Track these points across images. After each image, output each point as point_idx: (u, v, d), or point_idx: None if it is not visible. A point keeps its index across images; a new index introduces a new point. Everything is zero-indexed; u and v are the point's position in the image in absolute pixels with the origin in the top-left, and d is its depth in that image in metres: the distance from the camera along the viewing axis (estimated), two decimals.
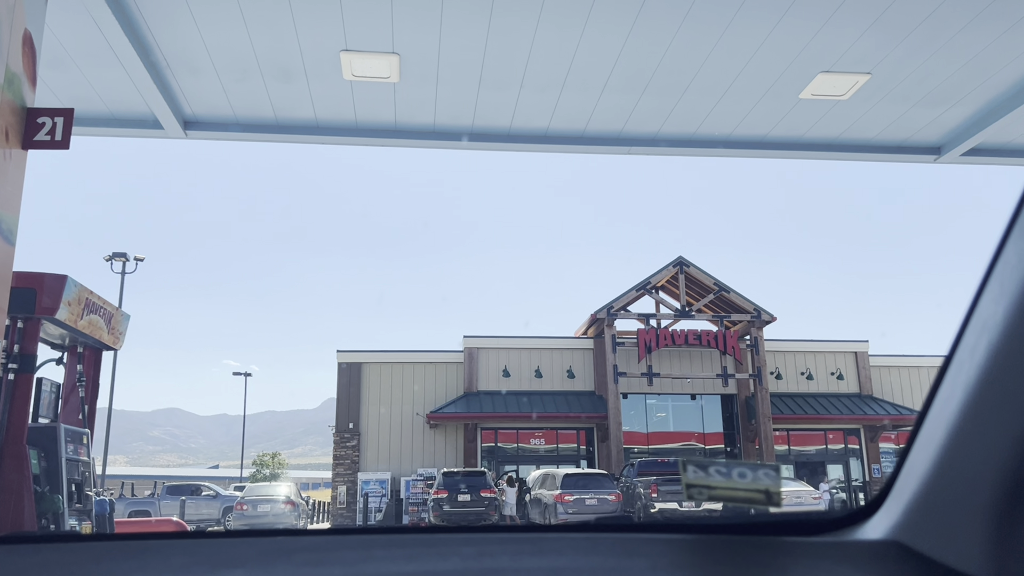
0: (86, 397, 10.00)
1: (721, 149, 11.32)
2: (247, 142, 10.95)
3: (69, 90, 9.56)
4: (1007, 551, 0.81)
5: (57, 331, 9.12)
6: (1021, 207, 0.79)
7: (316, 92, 9.73)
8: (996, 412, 0.80)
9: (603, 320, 30.67)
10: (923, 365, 33.60)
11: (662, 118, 10.48)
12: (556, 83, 9.57)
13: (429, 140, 10.84)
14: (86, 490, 9.50)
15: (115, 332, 9.98)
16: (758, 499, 0.93)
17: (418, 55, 8.95)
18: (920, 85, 9.76)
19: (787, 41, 8.79)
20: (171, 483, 33.38)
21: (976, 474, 0.83)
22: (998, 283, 0.80)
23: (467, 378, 31.50)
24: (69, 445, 9.15)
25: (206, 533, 1.12)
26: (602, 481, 22.13)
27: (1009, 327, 0.78)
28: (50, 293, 8.25)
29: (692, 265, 31.26)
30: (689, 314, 30.81)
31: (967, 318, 0.85)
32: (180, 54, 8.89)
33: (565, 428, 31.41)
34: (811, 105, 10.24)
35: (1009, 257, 0.79)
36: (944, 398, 0.88)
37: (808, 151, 11.43)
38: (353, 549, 0.94)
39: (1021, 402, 0.77)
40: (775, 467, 0.93)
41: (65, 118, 6.70)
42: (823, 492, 29.05)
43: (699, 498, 0.95)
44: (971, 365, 0.82)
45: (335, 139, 10.83)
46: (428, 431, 31.27)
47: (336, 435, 31.36)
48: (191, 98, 9.84)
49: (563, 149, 11.16)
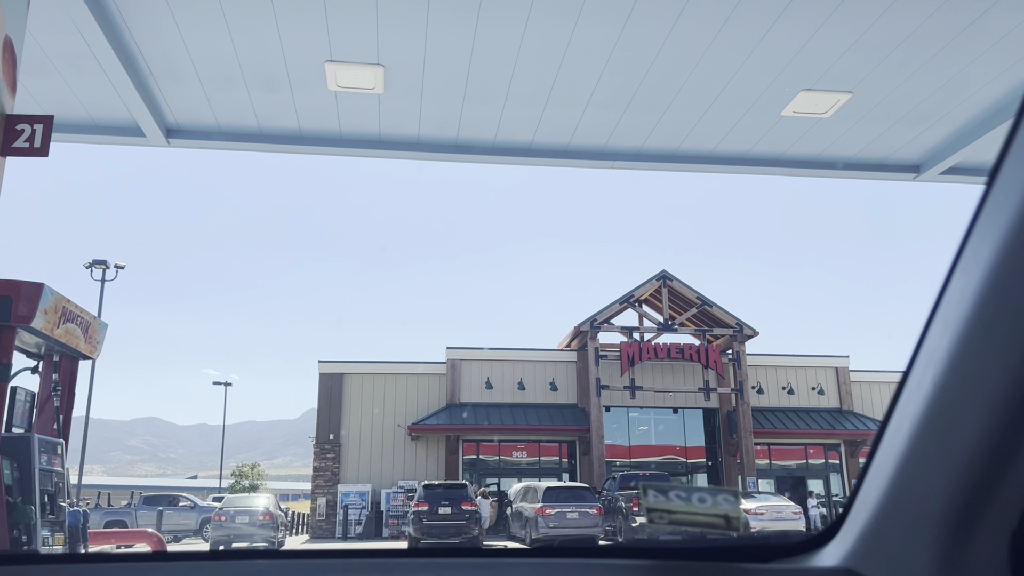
0: (61, 407, 9.88)
1: (704, 164, 11.40)
2: (230, 151, 10.90)
3: (50, 96, 9.49)
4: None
5: (33, 339, 9.01)
6: (965, 243, 0.80)
7: (300, 102, 9.71)
8: (942, 443, 0.82)
9: (586, 333, 30.71)
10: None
11: (646, 133, 10.54)
12: (541, 97, 9.60)
13: (414, 151, 10.84)
14: (60, 501, 9.37)
15: (92, 341, 9.88)
16: (718, 524, 0.93)
17: (403, 67, 8.95)
18: (900, 104, 9.88)
19: (770, 59, 8.87)
20: (148, 493, 33.02)
21: (923, 503, 0.85)
22: (943, 318, 0.82)
23: (450, 390, 31.41)
24: (43, 455, 9.03)
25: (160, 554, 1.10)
26: (584, 495, 22.08)
27: (952, 362, 0.79)
28: (26, 301, 8.16)
29: (675, 279, 31.40)
30: (672, 328, 30.91)
31: (916, 350, 0.87)
32: (163, 62, 8.84)
33: (547, 441, 31.37)
34: (793, 122, 10.33)
35: (953, 292, 0.80)
36: (894, 428, 0.89)
37: (790, 167, 11.53)
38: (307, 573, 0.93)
39: (965, 433, 0.79)
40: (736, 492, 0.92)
41: (45, 125, 6.65)
42: (811, 507, 29.15)
43: (660, 523, 0.94)
44: (918, 397, 0.84)
45: (319, 149, 10.80)
46: (409, 443, 31.13)
47: (316, 446, 31.14)
48: (174, 106, 9.79)
49: (547, 162, 11.19)
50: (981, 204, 0.80)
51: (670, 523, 0.93)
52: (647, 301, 32.46)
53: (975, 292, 0.77)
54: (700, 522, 0.93)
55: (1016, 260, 0.73)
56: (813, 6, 7.91)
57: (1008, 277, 0.73)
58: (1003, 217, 0.75)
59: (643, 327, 31.01)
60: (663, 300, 31.14)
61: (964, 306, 0.78)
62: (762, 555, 1.02)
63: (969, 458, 0.79)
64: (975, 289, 0.77)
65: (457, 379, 31.53)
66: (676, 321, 31.15)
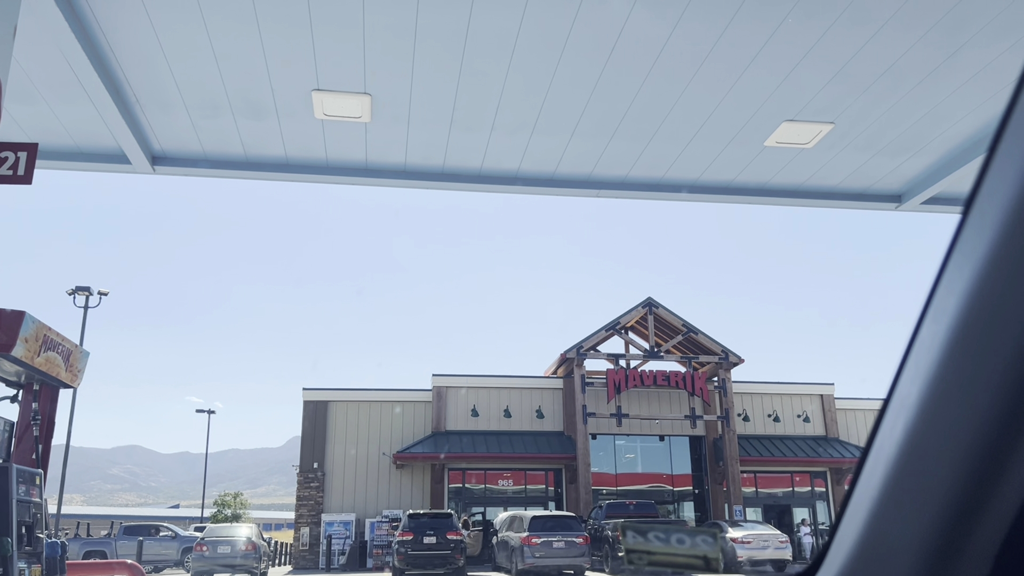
0: (40, 436, 9.74)
1: (688, 194, 11.49)
2: (216, 178, 10.89)
3: (35, 123, 9.46)
4: None
5: (13, 368, 8.91)
6: (934, 290, 0.81)
7: (287, 130, 9.73)
8: (914, 491, 0.82)
9: (572, 360, 30.69)
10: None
11: (631, 162, 10.62)
12: (527, 126, 9.67)
13: (400, 180, 10.87)
14: (37, 532, 9.21)
15: (73, 370, 9.77)
16: (697, 565, 0.92)
17: (390, 96, 9.01)
18: (882, 135, 10.01)
19: (753, 90, 8.99)
20: (129, 523, 32.48)
21: (896, 554, 0.85)
22: (914, 364, 0.83)
23: (435, 417, 31.22)
24: (21, 486, 8.89)
25: None
26: (570, 523, 21.92)
27: (923, 409, 0.80)
28: (6, 329, 8.07)
29: (661, 306, 31.49)
30: (658, 355, 30.94)
31: (889, 395, 0.88)
32: (150, 89, 8.85)
33: (533, 469, 31.20)
34: (776, 153, 10.45)
35: (924, 339, 0.82)
36: (869, 472, 0.90)
37: (773, 197, 11.64)
38: None
39: (936, 483, 0.80)
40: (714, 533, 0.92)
41: (28, 153, 6.62)
42: (804, 535, 29.03)
43: (640, 564, 0.94)
44: (890, 443, 0.85)
45: (305, 177, 10.81)
46: (394, 471, 30.87)
47: (300, 475, 30.82)
48: (160, 133, 9.79)
49: (533, 191, 11.24)
50: (950, 249, 0.81)
51: (649, 564, 0.93)
52: (633, 328, 32.52)
53: (944, 341, 0.78)
54: (680, 563, 0.93)
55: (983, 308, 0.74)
56: (795, 39, 8.04)
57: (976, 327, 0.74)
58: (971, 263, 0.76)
59: (629, 354, 31.03)
60: (649, 327, 31.20)
61: (934, 354, 0.79)
62: None
63: (941, 507, 0.80)
64: (944, 338, 0.78)
65: (443, 406, 31.37)
66: (662, 348, 31.19)
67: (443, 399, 31.44)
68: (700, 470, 32.36)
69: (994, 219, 0.74)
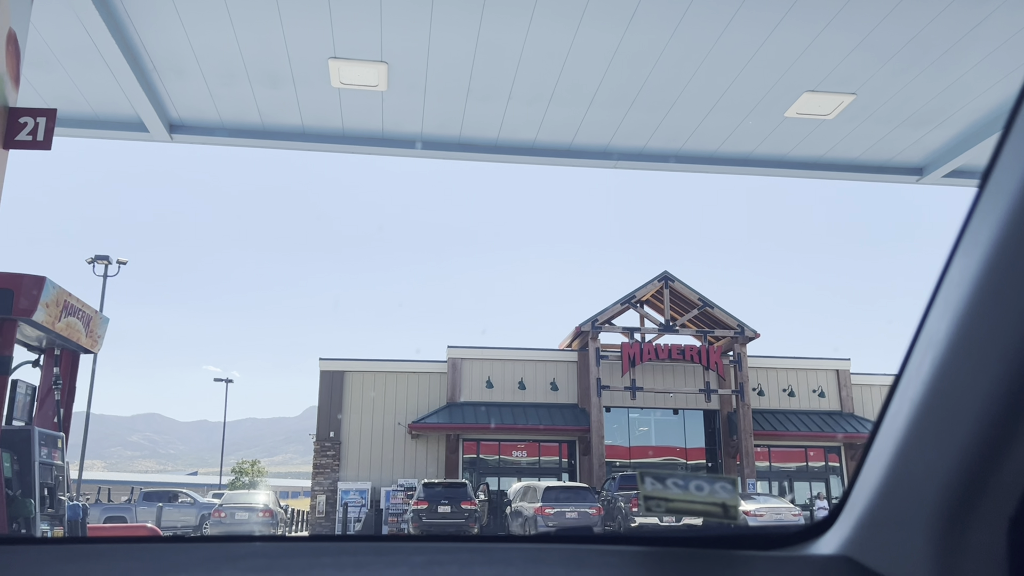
0: (62, 400, 9.88)
1: (707, 165, 11.39)
2: (233, 147, 10.91)
3: (53, 90, 9.49)
4: (950, 565, 0.82)
5: (34, 333, 9.01)
6: (966, 226, 0.81)
7: (304, 98, 9.71)
8: (940, 428, 0.82)
9: (587, 333, 30.71)
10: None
11: (648, 133, 10.53)
12: (544, 96, 9.60)
13: (416, 149, 10.84)
14: (59, 495, 9.37)
15: (93, 335, 9.88)
16: (715, 512, 0.93)
17: (406, 64, 8.95)
18: (904, 107, 9.86)
19: (773, 60, 8.86)
20: (148, 489, 33.03)
21: (920, 489, 0.85)
22: (943, 300, 0.82)
23: (450, 388, 31.41)
24: (43, 449, 9.03)
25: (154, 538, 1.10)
26: (583, 495, 22.08)
27: (952, 344, 0.79)
28: (27, 294, 8.16)
29: (677, 280, 31.38)
30: (673, 329, 30.90)
31: (916, 335, 0.87)
32: (167, 57, 8.85)
33: (547, 441, 31.37)
34: (796, 124, 10.32)
35: (953, 275, 0.81)
36: (893, 414, 0.89)
37: (793, 169, 11.52)
38: (300, 556, 0.93)
39: (963, 418, 0.79)
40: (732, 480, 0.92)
41: (48, 118, 6.65)
42: (818, 508, 29.12)
43: (657, 511, 0.94)
44: (917, 382, 0.84)
45: (322, 146, 10.80)
46: (410, 441, 31.13)
47: (316, 444, 31.16)
48: (177, 101, 9.80)
49: (550, 161, 11.18)
50: (983, 185, 0.79)
51: (667, 511, 0.93)
52: (648, 302, 32.45)
53: (976, 273, 0.77)
54: (697, 510, 0.93)
55: (1017, 243, 0.73)
56: (817, 8, 7.90)
57: (1009, 259, 0.73)
58: (1004, 198, 0.75)
59: (644, 328, 31.00)
60: (664, 301, 31.13)
61: (964, 287, 0.78)
62: (760, 544, 1.02)
63: (967, 442, 0.79)
64: (976, 270, 0.77)
65: (458, 378, 31.53)
66: (677, 322, 31.14)
67: (458, 371, 31.59)
68: (714, 444, 32.42)
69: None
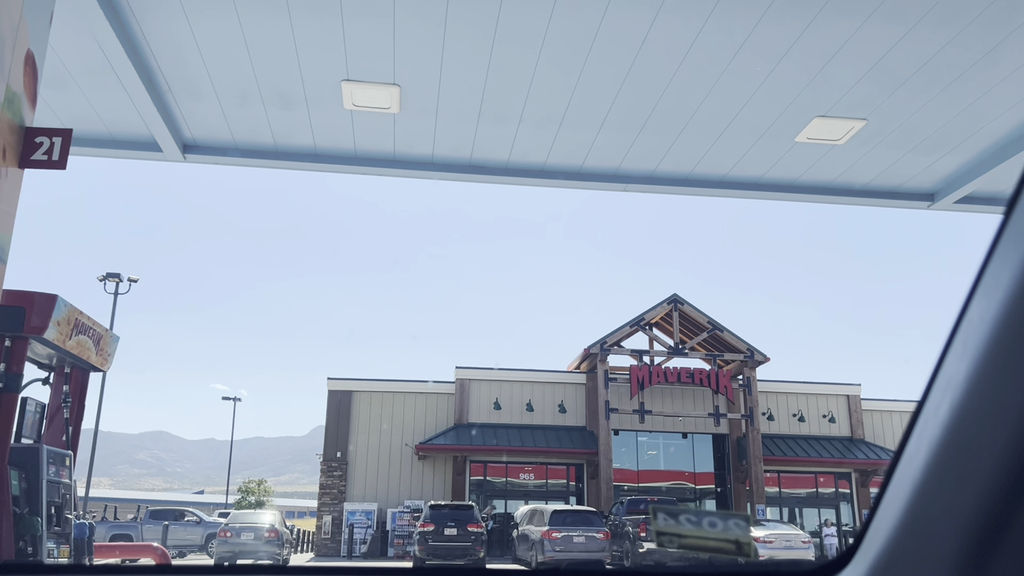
0: (71, 418, 9.90)
1: (718, 189, 11.39)
2: (245, 167, 10.98)
3: (69, 110, 9.60)
4: None
5: (45, 351, 9.06)
6: (985, 266, 0.80)
7: (316, 120, 9.78)
8: (959, 469, 0.81)
9: (596, 355, 30.62)
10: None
11: (659, 156, 10.55)
12: (555, 119, 9.64)
13: (427, 171, 10.89)
14: (66, 513, 9.36)
15: (103, 353, 9.91)
16: (728, 549, 0.91)
17: (418, 87, 9.02)
18: (915, 132, 9.86)
19: (784, 85, 8.88)
20: (154, 507, 32.97)
21: (940, 529, 0.83)
22: (962, 342, 0.81)
23: (458, 410, 31.33)
24: (51, 467, 9.04)
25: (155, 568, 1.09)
26: (591, 519, 21.91)
27: (971, 386, 0.78)
28: (39, 312, 8.21)
29: (686, 303, 31.32)
30: (682, 352, 30.79)
31: (933, 375, 0.86)
32: (182, 78, 8.94)
33: (555, 463, 31.21)
34: (807, 149, 10.33)
35: (972, 316, 0.80)
36: (911, 454, 0.88)
37: (803, 194, 11.51)
38: None
39: (983, 459, 0.78)
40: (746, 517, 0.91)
41: (63, 138, 6.70)
42: (827, 536, 28.80)
43: (670, 546, 0.93)
44: (935, 422, 0.83)
45: (334, 167, 10.87)
46: (417, 462, 31.02)
47: (323, 464, 31.08)
48: (191, 122, 9.88)
49: (560, 184, 11.21)
50: (1002, 226, 0.79)
51: (680, 547, 0.92)
52: (658, 324, 32.37)
53: (995, 316, 0.76)
54: (710, 547, 0.92)
55: None
56: (829, 33, 7.93)
57: None
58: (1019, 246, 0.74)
59: (653, 351, 30.91)
60: (674, 324, 31.05)
61: (984, 330, 0.77)
62: None
63: (988, 485, 0.78)
64: (995, 313, 0.76)
65: (465, 399, 31.46)
66: (687, 345, 31.03)
67: (466, 392, 31.53)
68: (723, 468, 32.18)
69: None
